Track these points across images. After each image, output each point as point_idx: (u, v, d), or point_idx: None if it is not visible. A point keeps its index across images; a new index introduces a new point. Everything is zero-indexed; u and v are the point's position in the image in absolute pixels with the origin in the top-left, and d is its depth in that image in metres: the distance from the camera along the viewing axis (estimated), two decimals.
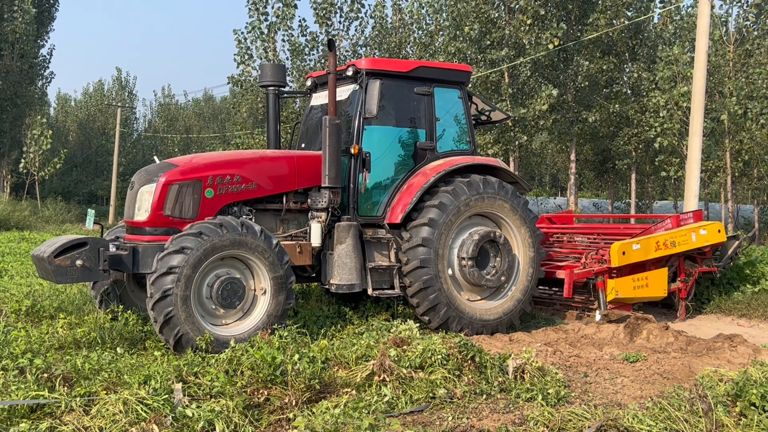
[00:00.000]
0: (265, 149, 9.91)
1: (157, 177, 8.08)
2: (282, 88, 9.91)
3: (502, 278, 9.36)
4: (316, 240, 8.67)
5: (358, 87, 9.16)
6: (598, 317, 9.72)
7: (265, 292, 7.88)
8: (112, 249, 7.88)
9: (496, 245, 9.33)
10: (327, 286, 8.86)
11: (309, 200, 8.91)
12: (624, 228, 11.68)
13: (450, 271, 9.17)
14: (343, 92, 9.42)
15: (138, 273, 7.95)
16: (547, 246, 11.21)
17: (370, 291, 8.80)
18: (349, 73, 9.20)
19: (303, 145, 10.07)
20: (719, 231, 10.65)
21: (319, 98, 10.06)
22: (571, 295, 9.70)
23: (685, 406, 5.41)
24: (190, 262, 7.33)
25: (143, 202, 8.12)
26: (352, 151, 8.87)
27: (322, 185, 8.54)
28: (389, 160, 9.32)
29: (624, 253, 9.68)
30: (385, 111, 9.28)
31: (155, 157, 9.73)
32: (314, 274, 9.05)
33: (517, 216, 9.51)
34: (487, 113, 11.00)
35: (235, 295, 7.75)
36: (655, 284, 10.11)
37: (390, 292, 8.93)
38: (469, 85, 10.28)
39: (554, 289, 10.86)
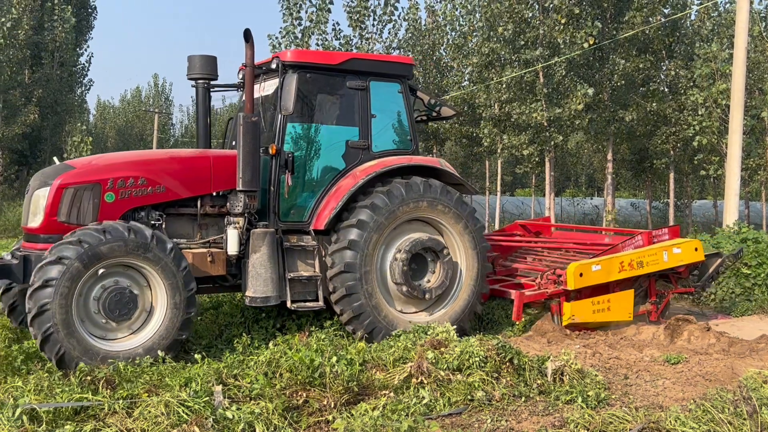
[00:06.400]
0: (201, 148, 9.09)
1: (52, 180, 7.52)
2: (212, 81, 9.08)
3: (440, 291, 8.72)
4: (232, 248, 7.96)
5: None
6: None
7: (162, 302, 7.31)
8: (6, 257, 7.52)
9: (435, 254, 8.72)
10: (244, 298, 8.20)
11: (228, 204, 8.21)
12: (591, 243, 10.79)
13: (380, 279, 8.56)
14: (271, 86, 8.81)
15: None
16: (512, 259, 10.76)
17: (288, 303, 8.09)
18: (273, 66, 8.46)
19: (234, 143, 9.04)
20: (696, 249, 9.72)
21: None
22: (520, 319, 9.11)
23: (728, 409, 5.33)
24: (68, 275, 6.76)
25: (37, 207, 7.57)
26: (270, 151, 8.25)
27: (237, 188, 7.97)
28: (316, 160, 8.65)
29: (581, 274, 8.88)
30: (311, 107, 8.66)
31: (55, 159, 8.98)
32: (239, 283, 8.31)
33: (460, 223, 8.86)
34: (436, 109, 10.28)
35: (126, 307, 7.17)
36: (618, 308, 9.27)
37: (311, 304, 8.21)
38: (509, 82, 9.85)
39: None
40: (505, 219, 28.36)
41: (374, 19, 25.49)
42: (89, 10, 38.48)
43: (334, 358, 6.09)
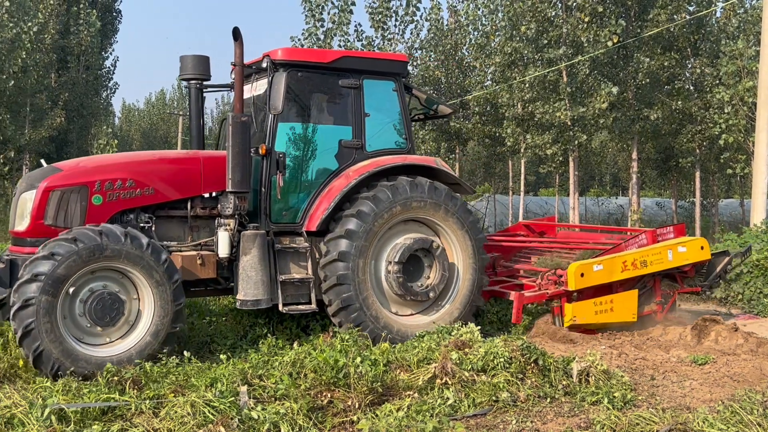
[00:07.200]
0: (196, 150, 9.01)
1: (38, 183, 7.44)
2: (205, 81, 8.99)
3: (442, 284, 8.62)
4: (223, 250, 7.87)
5: None
6: None
7: (144, 286, 7.19)
8: None
9: (431, 255, 8.60)
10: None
11: (219, 206, 8.10)
12: (593, 242, 10.55)
13: (376, 284, 8.48)
14: (262, 86, 8.65)
15: None
16: (515, 260, 10.61)
17: (280, 306, 8.04)
18: (264, 65, 8.33)
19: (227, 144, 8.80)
20: (702, 248, 9.55)
21: (245, 91, 8.91)
22: (519, 321, 8.93)
23: (757, 410, 5.28)
24: (42, 311, 6.65)
25: (24, 209, 7.50)
26: (260, 151, 8.14)
27: (227, 190, 7.84)
28: (308, 161, 8.54)
29: (583, 275, 8.71)
30: (303, 106, 8.58)
31: (42, 161, 8.90)
32: (231, 286, 8.18)
33: (440, 210, 8.62)
34: (433, 108, 10.17)
35: (112, 308, 7.07)
36: (622, 308, 9.06)
37: (303, 307, 8.14)
38: (527, 80, 9.78)
39: None
40: (529, 219, 28.20)
41: (396, 20, 25.53)
42: (114, 14, 38.81)
43: (359, 359, 6.10)
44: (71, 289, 6.90)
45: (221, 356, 7.00)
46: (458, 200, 8.83)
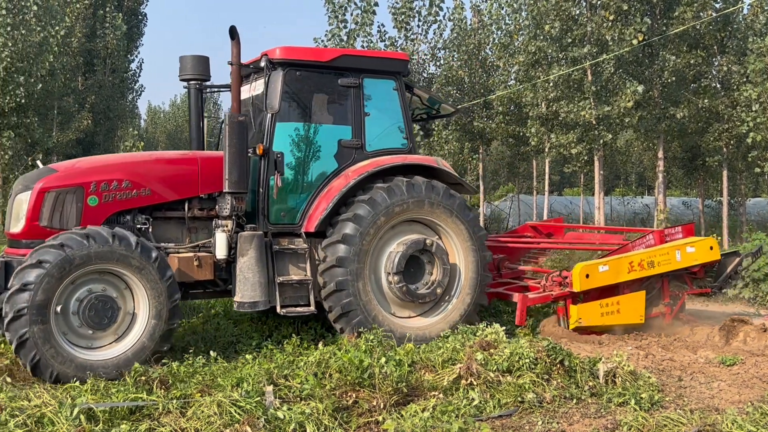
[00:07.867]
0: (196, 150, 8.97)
1: (33, 184, 7.40)
2: (204, 82, 8.96)
3: (438, 291, 8.51)
4: (220, 251, 7.73)
5: None
6: None
7: (131, 275, 7.07)
8: None
9: (431, 255, 8.49)
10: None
11: (217, 207, 8.02)
12: (600, 242, 10.51)
13: (381, 297, 8.41)
14: (261, 85, 8.52)
15: None
16: (522, 262, 10.50)
17: (278, 309, 7.90)
18: (262, 64, 8.23)
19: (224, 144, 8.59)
20: (711, 248, 9.35)
21: (245, 91, 8.94)
22: (523, 323, 8.78)
23: None
24: (41, 339, 6.60)
25: (19, 211, 7.44)
26: (257, 151, 8.05)
27: (224, 190, 7.72)
28: (307, 161, 8.43)
29: (588, 276, 8.66)
30: (301, 106, 8.47)
31: (38, 162, 8.83)
32: (230, 288, 8.08)
33: (442, 212, 8.50)
34: (435, 107, 10.06)
35: (107, 309, 7.00)
36: (629, 310, 8.92)
37: (301, 309, 7.99)
38: (555, 81, 9.67)
39: None
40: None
41: (419, 20, 25.51)
42: (139, 17, 39.23)
43: (383, 359, 6.11)
44: (59, 308, 6.82)
45: (247, 356, 7.03)
46: (440, 188, 8.59)
